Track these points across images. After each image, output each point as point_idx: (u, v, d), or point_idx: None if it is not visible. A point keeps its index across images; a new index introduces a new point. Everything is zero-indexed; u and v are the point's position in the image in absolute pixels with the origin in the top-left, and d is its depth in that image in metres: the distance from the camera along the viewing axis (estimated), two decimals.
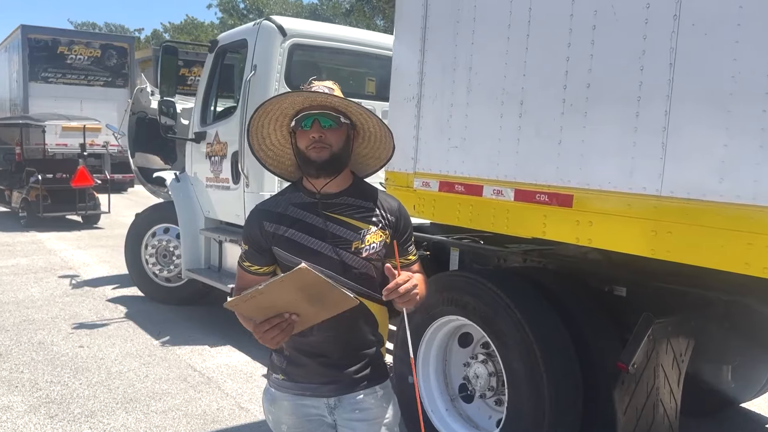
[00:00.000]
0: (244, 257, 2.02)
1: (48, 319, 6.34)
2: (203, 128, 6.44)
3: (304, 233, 1.94)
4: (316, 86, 1.97)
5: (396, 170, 3.76)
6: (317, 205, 1.96)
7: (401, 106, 3.70)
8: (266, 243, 1.98)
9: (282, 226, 1.96)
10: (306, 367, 1.99)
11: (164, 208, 7.28)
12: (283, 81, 5.68)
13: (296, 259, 1.86)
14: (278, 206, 2.01)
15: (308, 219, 1.96)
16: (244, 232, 2.05)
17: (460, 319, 3.52)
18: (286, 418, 2.04)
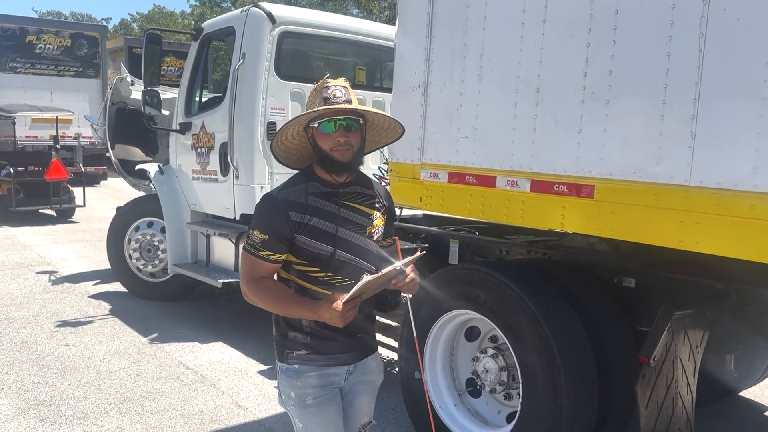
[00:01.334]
0: (261, 246, 2.07)
1: (29, 317, 6.13)
2: (188, 119, 6.26)
3: (327, 221, 2.10)
4: (333, 86, 2.09)
5: (401, 161, 3.66)
6: (335, 194, 2.14)
7: (406, 95, 3.60)
8: (290, 232, 2.06)
9: (306, 215, 2.07)
10: (332, 340, 2.13)
11: (147, 201, 7.08)
12: (273, 70, 5.53)
13: (322, 246, 2.08)
14: (299, 196, 2.10)
15: (328, 207, 2.12)
16: (263, 221, 2.09)
17: (469, 313, 3.44)
18: (311, 390, 2.16)
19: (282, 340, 2.20)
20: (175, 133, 6.48)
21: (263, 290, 2.10)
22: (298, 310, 2.08)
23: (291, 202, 2.08)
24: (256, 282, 2.10)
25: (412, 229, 4.95)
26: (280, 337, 2.21)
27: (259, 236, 2.07)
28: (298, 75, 5.88)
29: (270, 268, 2.12)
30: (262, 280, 2.10)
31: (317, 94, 2.09)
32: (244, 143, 5.51)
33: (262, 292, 2.09)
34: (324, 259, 2.10)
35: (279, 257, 2.09)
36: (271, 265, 2.11)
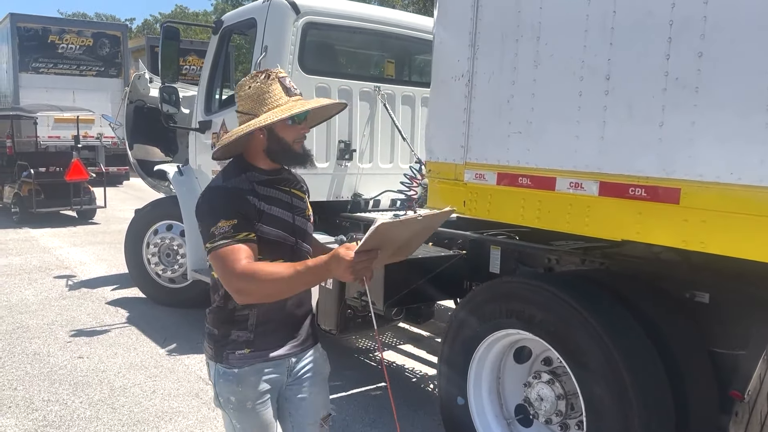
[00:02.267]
0: (234, 231, 1.94)
1: (43, 326, 5.84)
2: (208, 117, 5.92)
3: (281, 208, 2.11)
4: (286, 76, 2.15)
5: (441, 161, 3.26)
6: (275, 182, 2.13)
7: (447, 86, 3.20)
8: (253, 216, 2.01)
9: (262, 203, 2.05)
10: (275, 332, 2.12)
11: (166, 203, 6.77)
12: (297, 63, 5.16)
13: (279, 233, 2.07)
14: (246, 185, 2.06)
15: (274, 194, 2.11)
16: (228, 207, 1.98)
17: (521, 333, 3.04)
18: (251, 393, 2.11)
19: (222, 340, 2.11)
20: (194, 132, 6.16)
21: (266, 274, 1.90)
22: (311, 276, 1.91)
23: (243, 189, 2.04)
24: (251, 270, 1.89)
25: (446, 233, 4.55)
26: (220, 337, 2.12)
27: (227, 223, 1.94)
28: (323, 69, 5.51)
29: (252, 250, 1.96)
30: (258, 266, 1.92)
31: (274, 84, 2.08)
32: None
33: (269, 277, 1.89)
34: (283, 247, 2.09)
35: (253, 236, 1.98)
36: (252, 246, 1.96)
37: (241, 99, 2.12)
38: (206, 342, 2.20)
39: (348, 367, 5.02)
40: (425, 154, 3.42)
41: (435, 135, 3.31)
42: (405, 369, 5.04)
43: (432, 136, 3.34)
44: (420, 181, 5.36)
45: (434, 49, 3.34)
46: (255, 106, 2.07)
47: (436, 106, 3.30)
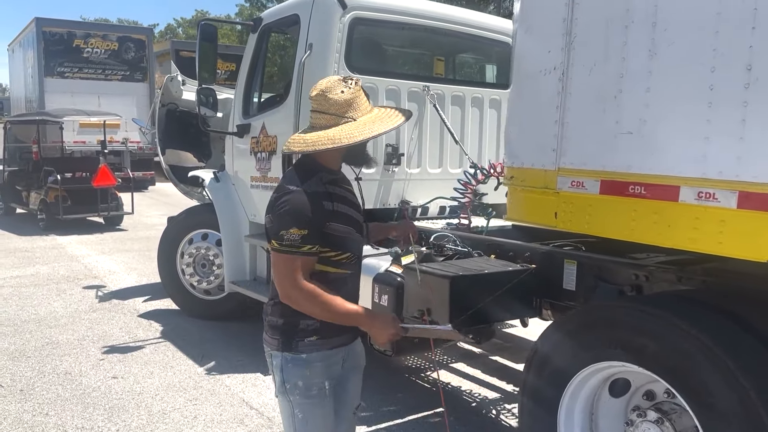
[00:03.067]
0: (302, 242, 2.08)
1: (74, 342, 5.55)
2: (246, 120, 5.60)
3: (346, 206, 2.26)
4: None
5: (526, 166, 2.87)
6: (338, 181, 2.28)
7: (533, 81, 2.82)
8: (323, 222, 2.14)
9: (335, 203, 2.19)
10: (336, 327, 2.21)
11: (201, 211, 6.45)
12: (343, 62, 4.81)
13: (349, 228, 2.24)
14: (320, 187, 2.17)
15: (342, 193, 2.27)
16: (299, 217, 2.09)
17: (627, 366, 2.63)
18: (317, 379, 2.24)
19: (291, 330, 2.22)
20: (231, 137, 5.84)
21: (320, 299, 2.12)
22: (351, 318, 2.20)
23: (319, 194, 2.16)
24: (307, 287, 2.11)
25: (511, 245, 4.16)
26: (288, 327, 2.23)
27: (298, 233, 2.08)
28: (371, 68, 5.16)
29: (312, 262, 2.15)
30: (313, 287, 2.12)
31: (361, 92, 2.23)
32: None
33: (320, 300, 2.12)
34: (348, 242, 2.24)
35: (317, 249, 2.14)
36: (313, 259, 2.15)
37: (329, 101, 2.17)
38: (268, 334, 2.31)
39: (399, 388, 4.64)
40: (506, 158, 3.04)
41: (518, 137, 2.93)
42: (462, 392, 4.65)
43: (514, 138, 2.96)
44: (474, 186, 4.98)
45: (516, 40, 2.96)
46: (348, 110, 2.17)
47: (519, 105, 2.92)
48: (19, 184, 12.97)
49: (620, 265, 3.48)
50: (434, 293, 3.63)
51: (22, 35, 19.14)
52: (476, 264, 3.89)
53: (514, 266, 3.90)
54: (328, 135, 2.13)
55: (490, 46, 5.78)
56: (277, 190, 2.20)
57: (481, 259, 4.10)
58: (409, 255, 4.19)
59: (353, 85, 2.20)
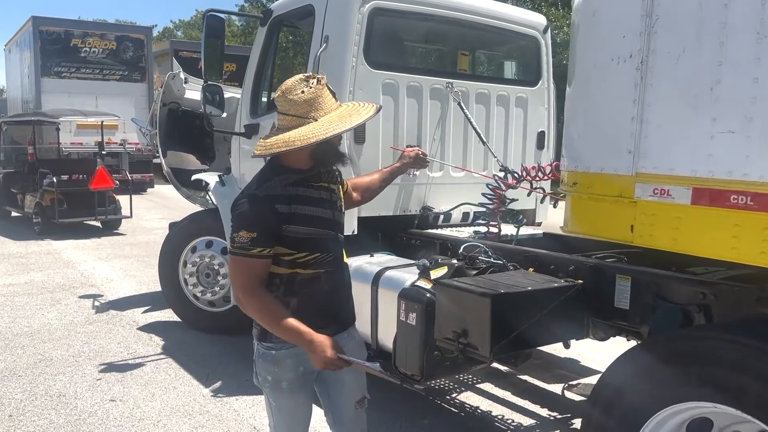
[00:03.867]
0: (251, 245, 2.14)
1: (69, 358, 5.14)
2: (255, 120, 5.20)
3: (311, 206, 2.27)
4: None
5: (593, 171, 2.48)
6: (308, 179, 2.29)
7: (603, 71, 2.43)
8: (278, 224, 2.18)
9: (293, 205, 2.21)
10: (316, 318, 2.25)
11: (205, 217, 6.06)
12: (362, 56, 4.42)
13: (313, 230, 2.26)
14: (277, 189, 2.21)
15: (307, 193, 2.28)
16: (249, 220, 2.16)
17: (718, 407, 2.23)
18: (287, 374, 2.31)
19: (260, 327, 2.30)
20: (238, 138, 5.43)
21: (264, 307, 2.20)
22: (290, 336, 2.20)
23: (274, 196, 2.18)
24: (254, 293, 2.19)
25: (552, 258, 3.78)
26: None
27: (247, 235, 2.13)
28: (392, 63, 4.79)
29: (263, 265, 2.19)
30: (261, 294, 2.20)
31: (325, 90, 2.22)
32: None
33: (263, 308, 2.20)
34: (312, 242, 2.26)
35: (269, 251, 2.18)
36: (263, 262, 2.18)
37: (290, 102, 2.18)
38: (253, 323, 2.36)
39: (424, 412, 4.25)
40: (566, 161, 2.64)
41: (583, 137, 2.53)
42: (494, 418, 4.25)
43: (577, 138, 2.57)
44: (504, 191, 4.58)
45: (579, 24, 2.57)
46: (310, 110, 2.16)
47: (583, 99, 2.53)
48: (14, 186, 12.55)
49: (683, 282, 3.09)
50: (471, 313, 3.24)
51: (19, 35, 18.74)
52: (515, 279, 3.49)
53: (558, 282, 3.51)
54: (283, 138, 2.15)
55: (515, 39, 5.40)
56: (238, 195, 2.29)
57: (519, 273, 3.71)
58: (440, 268, 3.79)
59: (315, 84, 2.19)
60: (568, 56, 2.73)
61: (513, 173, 4.50)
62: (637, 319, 3.31)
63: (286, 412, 2.41)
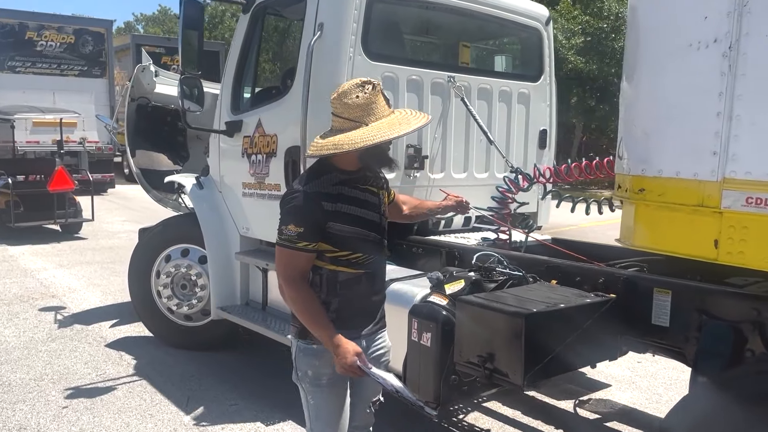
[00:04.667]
0: (297, 238, 2.27)
1: (30, 383, 4.60)
2: (237, 116, 4.75)
3: (355, 206, 2.36)
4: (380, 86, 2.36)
5: (665, 175, 2.12)
6: (354, 180, 2.39)
7: (678, 59, 2.08)
8: (324, 220, 2.28)
9: (339, 203, 2.31)
10: (355, 317, 2.42)
11: (180, 223, 5.57)
12: (360, 47, 4.01)
13: (355, 229, 2.35)
14: (325, 187, 2.31)
15: (353, 194, 2.37)
16: (297, 215, 2.28)
17: None
18: (328, 369, 2.37)
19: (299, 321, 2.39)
20: (217, 137, 4.97)
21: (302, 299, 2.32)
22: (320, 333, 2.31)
23: (321, 193, 2.29)
24: (298, 284, 2.31)
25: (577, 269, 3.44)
26: None
27: (295, 229, 2.26)
28: (392, 54, 4.40)
29: (307, 258, 2.32)
30: (302, 287, 2.33)
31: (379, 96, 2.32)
32: None
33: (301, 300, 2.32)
34: (355, 241, 2.35)
35: (314, 246, 2.30)
36: (308, 255, 2.31)
37: (344, 105, 2.27)
38: (291, 321, 2.46)
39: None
40: (627, 162, 2.27)
41: (652, 134, 2.17)
42: None
43: (644, 135, 2.21)
44: (514, 195, 4.22)
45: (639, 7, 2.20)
46: (363, 115, 2.25)
47: (651, 91, 2.16)
48: None
49: (733, 296, 2.78)
50: (501, 335, 2.87)
51: None
52: (543, 295, 3.13)
53: (591, 297, 3.16)
54: (333, 140, 2.26)
55: (517, 31, 5.06)
56: (287, 190, 2.44)
57: (543, 286, 3.35)
58: (456, 281, 3.41)
59: (370, 90, 2.27)
60: None
61: (527, 175, 4.15)
62: (680, 338, 2.98)
63: (324, 410, 2.46)
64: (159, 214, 6.47)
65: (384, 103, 2.32)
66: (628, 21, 2.36)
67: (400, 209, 2.96)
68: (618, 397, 4.62)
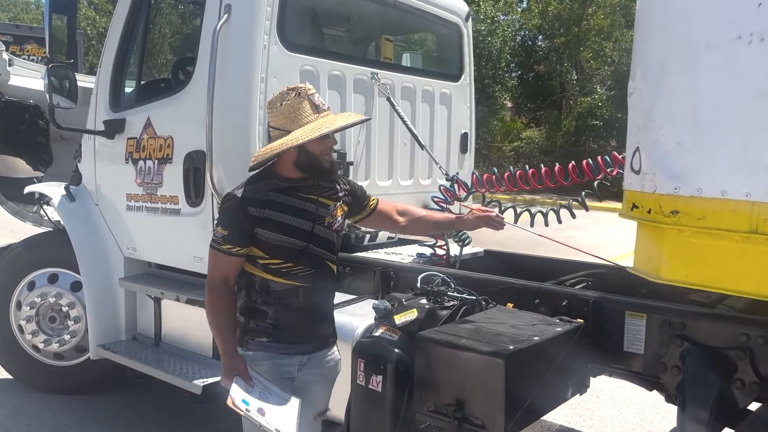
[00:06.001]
0: (223, 240, 2.31)
1: None
2: (119, 113, 3.98)
3: (287, 214, 2.34)
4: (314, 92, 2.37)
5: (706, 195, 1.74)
6: (295, 188, 2.39)
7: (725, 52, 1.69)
8: (250, 227, 2.30)
9: (266, 209, 2.31)
10: (291, 329, 2.39)
11: (47, 242, 4.65)
12: (275, 35, 3.43)
13: (283, 238, 2.33)
14: (257, 193, 2.33)
15: (287, 201, 2.36)
16: (224, 217, 2.35)
17: None
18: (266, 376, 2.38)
19: (244, 327, 2.41)
20: (92, 138, 4.16)
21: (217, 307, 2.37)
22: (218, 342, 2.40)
23: (250, 198, 2.31)
24: (217, 291, 2.36)
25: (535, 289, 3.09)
26: (244, 323, 2.41)
27: (221, 231, 2.31)
28: (311, 44, 3.84)
29: (230, 262, 2.34)
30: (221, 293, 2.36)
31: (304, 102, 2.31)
32: (234, 151, 3.35)
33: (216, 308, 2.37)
34: (285, 250, 2.34)
35: (240, 250, 2.32)
36: (231, 259, 2.33)
37: (273, 114, 2.36)
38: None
39: None
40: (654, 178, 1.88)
41: (690, 146, 1.79)
42: None
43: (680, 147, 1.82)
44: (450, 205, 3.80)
45: None
46: (287, 122, 2.31)
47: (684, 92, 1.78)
48: None
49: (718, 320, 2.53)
50: (475, 380, 2.43)
51: None
52: (506, 325, 2.73)
53: (558, 323, 2.80)
54: (260, 151, 2.42)
55: (438, 26, 4.68)
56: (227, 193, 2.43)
57: (501, 312, 2.96)
58: (407, 312, 2.90)
59: (293, 97, 2.31)
60: None
61: (464, 183, 3.74)
62: (658, 366, 2.69)
63: None
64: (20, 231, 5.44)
65: (309, 108, 2.31)
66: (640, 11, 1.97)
67: (394, 221, 2.86)
68: (552, 417, 4.35)
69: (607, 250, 5.06)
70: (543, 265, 4.00)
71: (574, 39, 19.74)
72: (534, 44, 23.01)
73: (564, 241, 3.72)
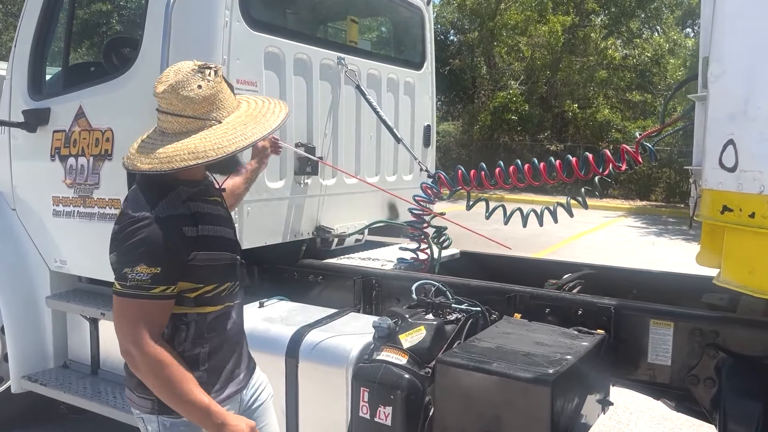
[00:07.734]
0: (152, 282, 1.67)
1: None
2: (41, 102, 3.38)
3: (216, 225, 1.88)
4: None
5: None
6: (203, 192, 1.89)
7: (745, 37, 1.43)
8: (186, 253, 1.75)
9: (200, 225, 1.80)
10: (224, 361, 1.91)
11: None
12: (238, 11, 2.97)
13: (222, 254, 1.86)
14: (177, 208, 1.77)
15: (206, 209, 1.87)
16: (150, 250, 1.67)
17: None
18: None
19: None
20: (7, 131, 3.54)
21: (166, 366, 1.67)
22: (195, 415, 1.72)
23: (177, 217, 1.75)
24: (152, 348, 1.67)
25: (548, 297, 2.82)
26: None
27: (147, 271, 1.67)
28: (277, 24, 3.38)
29: (165, 307, 1.73)
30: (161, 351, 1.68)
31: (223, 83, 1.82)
32: None
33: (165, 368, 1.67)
34: (221, 270, 1.87)
35: (173, 290, 1.74)
36: (166, 303, 1.73)
37: (186, 101, 1.73)
38: (136, 393, 1.84)
39: None
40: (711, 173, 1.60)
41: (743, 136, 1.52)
42: None
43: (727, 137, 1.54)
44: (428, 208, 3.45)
45: None
46: (211, 109, 1.76)
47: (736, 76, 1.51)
48: None
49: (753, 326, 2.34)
50: (514, 410, 2.11)
51: None
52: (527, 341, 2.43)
53: (580, 336, 2.53)
54: (188, 148, 1.71)
55: (400, 9, 4.34)
56: (120, 218, 1.76)
57: (513, 325, 2.66)
58: (414, 330, 2.53)
59: (213, 76, 1.77)
60: None
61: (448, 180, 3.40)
62: (692, 379, 2.47)
63: None
64: None
65: (229, 90, 1.83)
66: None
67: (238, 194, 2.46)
68: None
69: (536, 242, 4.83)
70: (520, 265, 3.77)
71: (488, 34, 19.86)
72: (446, 39, 23.05)
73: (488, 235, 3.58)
